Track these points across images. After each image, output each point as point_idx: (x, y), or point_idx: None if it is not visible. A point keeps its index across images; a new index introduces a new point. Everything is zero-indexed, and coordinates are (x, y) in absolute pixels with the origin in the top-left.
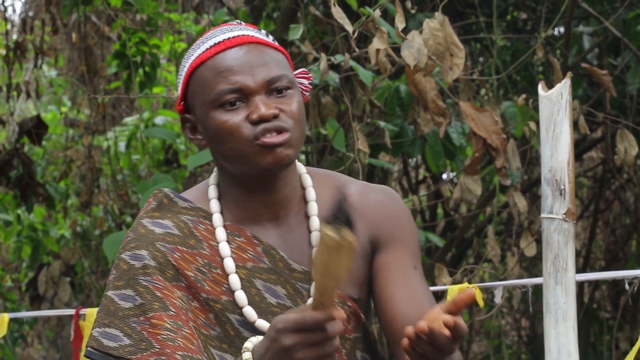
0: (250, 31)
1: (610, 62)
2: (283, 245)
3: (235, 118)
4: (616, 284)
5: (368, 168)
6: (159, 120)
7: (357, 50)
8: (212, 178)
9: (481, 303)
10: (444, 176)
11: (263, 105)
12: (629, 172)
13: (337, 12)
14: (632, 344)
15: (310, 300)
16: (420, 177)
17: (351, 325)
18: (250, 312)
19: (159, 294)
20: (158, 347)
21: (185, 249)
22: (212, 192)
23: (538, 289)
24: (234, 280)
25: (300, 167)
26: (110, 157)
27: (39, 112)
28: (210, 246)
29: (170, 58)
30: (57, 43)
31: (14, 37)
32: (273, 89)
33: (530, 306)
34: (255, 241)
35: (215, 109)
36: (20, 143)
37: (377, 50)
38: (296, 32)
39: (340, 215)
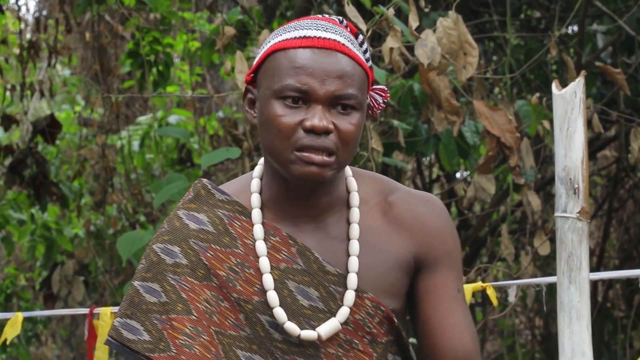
0: (343, 37)
1: (624, 61)
2: (319, 249)
3: (290, 118)
4: (630, 282)
5: (382, 167)
6: (172, 119)
7: (371, 48)
8: (257, 170)
9: (495, 302)
10: (458, 175)
11: (320, 117)
12: None
13: (351, 11)
14: None
15: (343, 303)
16: (434, 176)
17: (383, 329)
18: (280, 313)
19: (184, 296)
20: (175, 351)
21: (218, 247)
22: (255, 185)
23: (552, 288)
24: (268, 280)
25: (347, 170)
26: (123, 156)
27: (53, 111)
28: (245, 245)
29: (184, 57)
30: (71, 42)
31: (28, 36)
32: (338, 103)
33: (544, 305)
34: (290, 241)
35: (276, 99)
36: (34, 142)
37: (391, 49)
38: None
39: None
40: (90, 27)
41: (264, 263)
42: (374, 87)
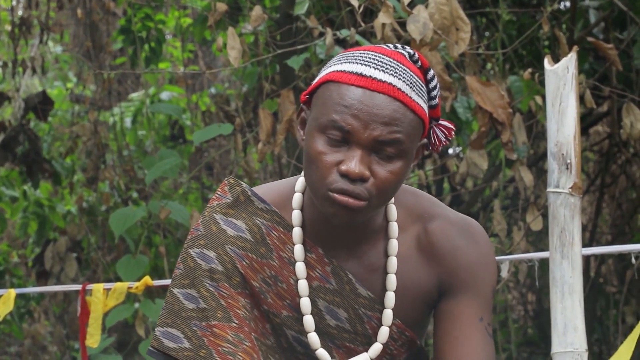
0: (402, 80)
1: (616, 36)
2: (354, 274)
3: (330, 157)
4: (622, 258)
5: None
6: (164, 95)
7: (362, 24)
8: (299, 184)
9: None
10: (450, 151)
11: (357, 162)
12: (635, 146)
13: None
14: (639, 318)
15: (377, 339)
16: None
17: (404, 348)
18: (314, 339)
19: (223, 303)
20: (218, 359)
21: (254, 257)
22: (297, 201)
23: (544, 263)
24: (305, 304)
25: None
26: (116, 132)
27: (45, 88)
28: (280, 257)
29: (176, 33)
30: (63, 19)
31: (20, 13)
32: (381, 149)
33: (537, 280)
34: (326, 260)
35: (320, 132)
36: (26, 119)
37: (383, 25)
38: (302, 7)
39: None
40: (82, 4)
41: (303, 286)
42: (440, 122)
